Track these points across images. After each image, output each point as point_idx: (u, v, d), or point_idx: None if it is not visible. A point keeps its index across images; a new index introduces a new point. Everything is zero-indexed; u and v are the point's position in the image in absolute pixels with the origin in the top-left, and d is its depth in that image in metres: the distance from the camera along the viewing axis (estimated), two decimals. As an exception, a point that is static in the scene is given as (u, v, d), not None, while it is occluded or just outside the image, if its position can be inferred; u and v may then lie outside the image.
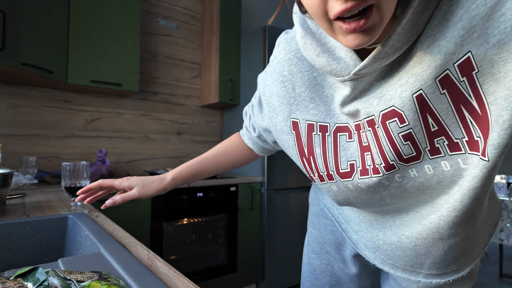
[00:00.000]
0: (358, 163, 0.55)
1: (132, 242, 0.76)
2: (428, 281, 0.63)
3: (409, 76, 0.45)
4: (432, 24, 0.43)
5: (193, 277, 2.15)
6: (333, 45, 0.50)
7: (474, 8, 0.40)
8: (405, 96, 0.45)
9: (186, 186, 2.10)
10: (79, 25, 1.99)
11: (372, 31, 0.40)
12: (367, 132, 0.52)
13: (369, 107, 0.49)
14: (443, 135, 0.46)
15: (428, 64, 0.43)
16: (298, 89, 0.59)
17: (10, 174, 0.98)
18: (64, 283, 0.39)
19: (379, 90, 0.49)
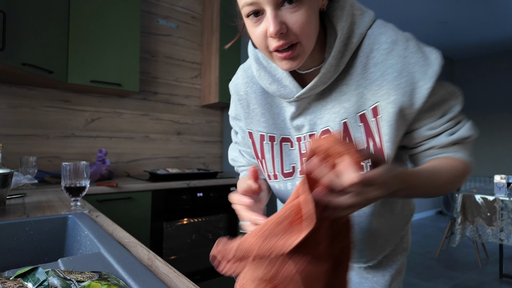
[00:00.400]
0: (297, 165, 0.74)
1: (132, 242, 0.76)
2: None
3: (340, 107, 0.66)
4: (356, 73, 0.64)
5: (193, 277, 2.14)
6: (280, 76, 0.68)
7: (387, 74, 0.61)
8: (336, 121, 0.66)
9: (186, 186, 2.10)
10: (79, 25, 1.99)
11: (297, 58, 0.59)
12: (306, 143, 0.71)
13: (313, 126, 0.69)
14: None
15: (354, 102, 0.64)
16: (252, 106, 0.77)
17: (10, 174, 0.98)
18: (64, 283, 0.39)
19: (318, 112, 0.68)
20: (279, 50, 0.57)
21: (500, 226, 2.69)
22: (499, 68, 5.98)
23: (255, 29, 0.59)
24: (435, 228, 4.87)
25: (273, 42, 0.57)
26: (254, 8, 0.56)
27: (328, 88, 0.67)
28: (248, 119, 0.78)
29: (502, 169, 5.88)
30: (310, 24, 0.57)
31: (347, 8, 0.63)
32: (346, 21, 0.62)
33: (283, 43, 0.56)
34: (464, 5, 4.20)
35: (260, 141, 0.77)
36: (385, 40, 0.62)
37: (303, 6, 0.55)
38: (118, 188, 1.83)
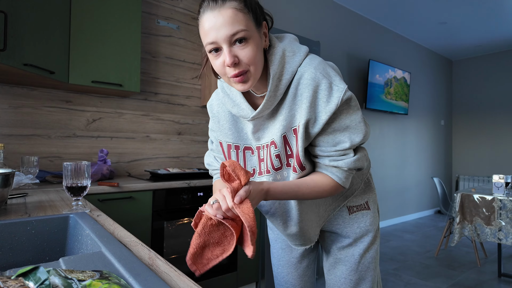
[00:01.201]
0: (257, 168, 0.97)
1: (133, 241, 0.77)
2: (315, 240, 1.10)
3: (280, 125, 0.88)
4: (288, 101, 0.87)
5: (193, 276, 2.15)
6: (239, 102, 0.90)
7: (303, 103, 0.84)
8: (278, 135, 0.88)
9: (187, 186, 2.11)
10: (80, 26, 2.00)
11: (248, 81, 0.81)
12: (264, 151, 0.93)
13: (266, 138, 0.92)
14: (292, 157, 0.90)
15: (288, 121, 0.87)
16: (221, 122, 0.98)
17: (12, 173, 0.99)
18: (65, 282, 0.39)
19: (268, 128, 0.91)
20: (236, 77, 0.79)
21: (498, 226, 2.70)
22: (498, 68, 5.97)
23: (216, 61, 0.80)
24: (433, 228, 4.87)
25: (230, 70, 0.79)
26: (214, 46, 0.78)
27: (273, 111, 0.90)
28: (218, 132, 1.00)
29: (501, 169, 5.88)
30: (255, 57, 0.79)
31: (279, 54, 0.85)
32: (278, 64, 0.85)
33: (237, 72, 0.78)
34: (463, 6, 4.19)
35: (227, 149, 0.99)
36: (306, 77, 0.84)
37: (249, 45, 0.78)
38: (119, 188, 1.84)
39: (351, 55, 4.42)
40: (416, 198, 5.61)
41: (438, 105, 6.21)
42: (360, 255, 1.04)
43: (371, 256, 1.05)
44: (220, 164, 0.90)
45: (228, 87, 0.93)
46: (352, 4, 4.27)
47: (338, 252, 1.07)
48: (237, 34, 0.76)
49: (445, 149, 6.40)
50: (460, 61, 6.52)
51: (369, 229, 1.05)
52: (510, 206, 2.65)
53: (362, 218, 1.05)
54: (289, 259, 1.16)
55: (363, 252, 1.04)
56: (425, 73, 5.88)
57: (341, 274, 1.05)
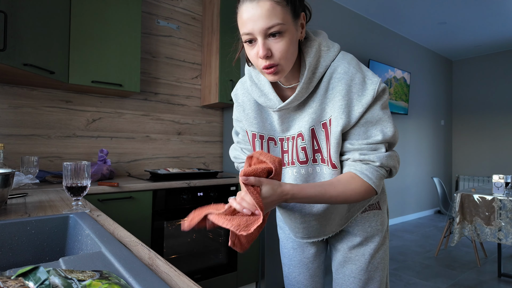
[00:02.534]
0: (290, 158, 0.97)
1: (133, 241, 0.77)
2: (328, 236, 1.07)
3: (309, 118, 0.89)
4: (319, 95, 0.88)
5: (193, 276, 2.15)
6: (267, 91, 0.92)
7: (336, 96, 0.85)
8: (306, 127, 0.90)
9: (187, 186, 2.11)
10: (80, 26, 2.00)
11: (278, 74, 0.82)
12: (288, 142, 0.96)
13: (292, 130, 0.94)
14: (319, 152, 0.91)
15: (318, 114, 0.88)
16: (246, 111, 1.00)
17: (12, 173, 0.99)
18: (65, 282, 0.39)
19: (295, 121, 0.93)
20: (266, 68, 0.81)
21: (498, 226, 2.70)
22: (498, 68, 5.97)
23: (250, 51, 0.83)
24: (433, 228, 4.88)
25: (262, 62, 0.81)
26: (250, 37, 0.80)
27: (301, 103, 0.91)
28: (244, 121, 1.01)
29: (501, 169, 5.88)
30: (288, 51, 0.81)
31: (316, 47, 0.87)
32: (313, 57, 0.87)
33: (268, 64, 0.81)
34: (463, 6, 4.19)
35: (252, 138, 1.00)
36: (340, 71, 0.85)
37: (284, 39, 0.79)
38: (119, 188, 1.84)
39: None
40: (416, 198, 5.62)
41: (438, 105, 6.21)
42: (370, 254, 1.02)
43: (381, 257, 1.04)
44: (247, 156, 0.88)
45: (256, 77, 0.95)
46: (352, 4, 4.27)
47: (349, 251, 1.05)
48: (273, 28, 0.77)
49: (445, 149, 6.40)
50: (460, 61, 6.52)
51: (379, 229, 1.04)
52: (510, 206, 2.65)
53: (374, 217, 1.03)
54: (301, 259, 1.15)
55: (373, 252, 1.02)
56: (425, 73, 5.88)
57: (350, 273, 1.04)
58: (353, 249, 1.04)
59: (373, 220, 1.03)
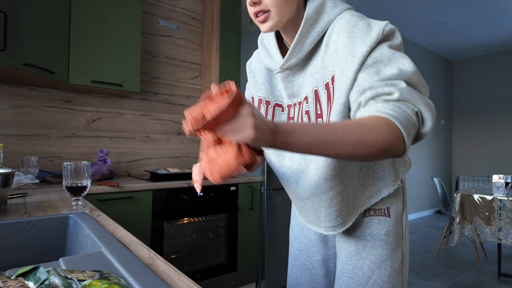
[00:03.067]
0: None
1: (133, 241, 0.77)
2: (327, 233, 0.92)
3: (313, 79, 0.81)
4: (321, 52, 0.79)
5: (193, 275, 2.16)
6: (272, 52, 0.88)
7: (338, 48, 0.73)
8: (310, 89, 0.82)
9: (187, 186, 2.11)
10: (80, 26, 2.00)
11: (268, 22, 0.76)
12: (295, 108, 0.88)
13: (299, 95, 0.87)
14: (321, 118, 0.79)
15: (321, 74, 0.79)
16: (257, 76, 0.97)
17: (12, 173, 0.99)
18: (65, 282, 0.39)
19: (300, 84, 0.86)
20: (257, 16, 0.77)
21: (498, 226, 2.70)
22: (498, 68, 5.97)
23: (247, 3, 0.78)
24: (433, 228, 4.88)
25: (251, 9, 0.77)
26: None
27: (304, 63, 0.84)
28: (252, 87, 0.98)
29: (501, 169, 5.88)
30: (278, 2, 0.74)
31: (319, 2, 0.78)
32: (313, 10, 0.78)
33: (257, 10, 0.76)
34: (463, 6, 4.20)
35: (258, 104, 0.95)
36: (341, 22, 0.75)
37: None
38: (119, 188, 1.84)
39: (351, 55, 4.43)
40: (416, 198, 5.62)
41: (438, 105, 6.22)
42: (370, 269, 0.86)
43: (387, 275, 0.86)
44: None
45: (267, 39, 0.90)
46: (351, 4, 4.27)
47: (346, 260, 0.90)
48: None
49: (445, 149, 6.40)
50: (460, 61, 6.52)
51: (383, 240, 0.87)
52: (510, 206, 2.65)
53: (378, 225, 0.88)
54: (305, 263, 1.05)
55: (374, 267, 0.86)
56: (425, 73, 5.88)
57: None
58: (350, 259, 0.90)
59: (375, 228, 0.88)
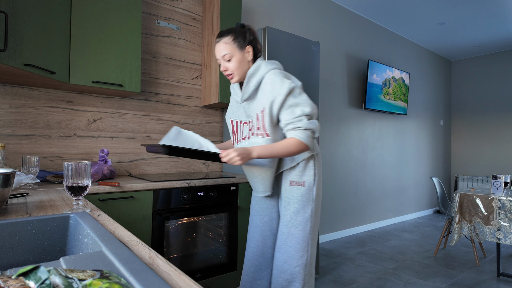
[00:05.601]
0: (246, 135, 1.59)
1: (133, 241, 0.77)
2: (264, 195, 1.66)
3: (255, 108, 1.52)
4: (259, 93, 1.52)
5: (193, 275, 2.16)
6: (237, 91, 1.62)
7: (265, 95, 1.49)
8: (256, 113, 1.52)
9: (187, 186, 2.12)
10: (81, 26, 2.01)
11: (233, 79, 1.57)
12: (249, 124, 1.57)
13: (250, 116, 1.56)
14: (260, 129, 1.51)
15: (259, 106, 1.50)
16: (231, 103, 1.70)
17: (12, 173, 1.00)
18: (65, 282, 0.39)
19: (250, 110, 1.55)
20: (227, 76, 1.56)
21: (497, 225, 2.70)
22: (497, 68, 5.97)
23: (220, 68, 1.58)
24: (432, 227, 4.88)
25: (224, 73, 1.56)
26: (219, 61, 1.56)
27: (253, 98, 1.54)
28: (229, 113, 1.71)
29: (500, 169, 5.88)
30: (238, 67, 1.52)
31: (256, 65, 1.52)
32: (253, 69, 1.51)
33: (227, 74, 1.56)
34: (462, 6, 4.20)
35: (230, 123, 1.69)
36: (267, 79, 1.48)
37: (232, 61, 1.52)
38: (119, 188, 1.85)
39: (350, 55, 4.43)
40: (415, 198, 5.62)
41: (437, 105, 6.22)
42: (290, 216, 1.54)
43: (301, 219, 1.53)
44: None
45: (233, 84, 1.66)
46: (351, 5, 4.27)
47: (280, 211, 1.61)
48: (225, 56, 1.51)
49: (444, 149, 6.40)
50: (459, 62, 6.52)
51: (299, 199, 1.53)
52: (509, 206, 2.65)
53: (296, 190, 1.54)
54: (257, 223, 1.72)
55: (292, 214, 1.54)
56: (424, 73, 5.88)
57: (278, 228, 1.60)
58: (281, 211, 1.59)
59: (294, 192, 1.54)
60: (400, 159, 5.27)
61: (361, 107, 4.59)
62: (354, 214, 4.46)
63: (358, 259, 3.40)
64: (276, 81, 1.43)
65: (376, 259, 3.41)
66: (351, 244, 3.95)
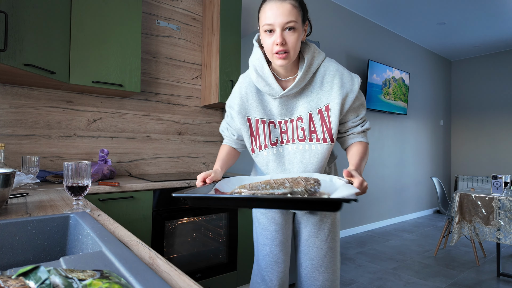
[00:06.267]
0: (279, 138, 1.24)
1: (134, 241, 0.77)
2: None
3: (307, 104, 1.17)
4: (316, 86, 1.17)
5: (193, 275, 2.16)
6: (270, 82, 1.16)
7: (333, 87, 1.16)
8: (305, 112, 1.17)
9: (187, 186, 2.12)
10: (80, 26, 2.01)
11: (286, 60, 1.08)
12: (287, 125, 1.22)
13: (291, 114, 1.21)
14: (315, 133, 1.18)
15: (315, 102, 1.17)
16: (250, 100, 1.24)
17: (12, 173, 1.00)
18: (65, 282, 0.39)
19: (294, 107, 1.20)
20: (278, 53, 1.08)
21: (497, 225, 2.70)
22: (497, 68, 5.97)
23: (267, 39, 1.09)
24: (432, 227, 4.88)
25: (277, 47, 1.07)
26: (270, 28, 1.07)
27: (299, 92, 1.19)
28: (247, 109, 1.24)
29: (500, 169, 5.88)
30: (296, 43, 1.08)
31: (312, 49, 1.18)
32: (310, 55, 1.16)
33: (282, 49, 1.07)
34: (462, 7, 4.20)
35: (255, 123, 1.24)
36: (332, 69, 1.17)
37: (295, 33, 1.07)
38: (119, 188, 1.85)
39: (350, 55, 4.43)
40: (415, 198, 5.62)
41: (437, 105, 6.21)
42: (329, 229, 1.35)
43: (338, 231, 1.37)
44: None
45: (261, 70, 1.18)
46: (351, 5, 4.27)
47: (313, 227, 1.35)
48: (289, 23, 1.05)
49: (444, 149, 6.40)
50: (459, 62, 6.52)
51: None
52: (509, 206, 2.65)
53: None
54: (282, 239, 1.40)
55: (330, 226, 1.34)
56: (424, 73, 5.88)
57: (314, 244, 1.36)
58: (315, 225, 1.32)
59: None
60: (400, 159, 5.27)
61: (361, 107, 4.59)
62: (354, 214, 4.46)
63: (358, 259, 3.40)
64: (345, 74, 1.16)
65: (376, 259, 3.41)
66: (351, 244, 3.95)
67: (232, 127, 1.35)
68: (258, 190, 0.86)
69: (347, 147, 1.25)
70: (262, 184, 0.88)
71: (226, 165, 1.33)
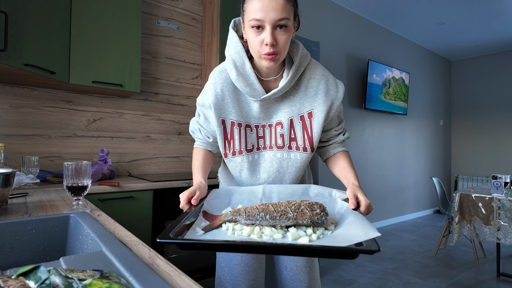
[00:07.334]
0: (255, 144, 1.10)
1: (133, 240, 0.77)
2: None
3: (289, 109, 1.06)
4: (301, 89, 1.06)
5: (193, 275, 2.16)
6: (252, 82, 1.01)
7: (318, 94, 1.05)
8: (286, 117, 1.06)
9: (187, 186, 2.12)
10: (81, 26, 2.01)
11: (275, 61, 0.94)
12: (265, 129, 1.09)
13: (271, 119, 1.08)
14: (295, 141, 1.08)
15: (298, 107, 1.06)
16: (226, 100, 1.06)
17: (12, 173, 1.00)
18: (65, 282, 0.39)
19: (275, 110, 1.07)
20: (268, 54, 0.92)
21: (497, 225, 2.70)
22: (497, 68, 5.97)
23: (255, 37, 0.92)
24: (432, 227, 4.88)
25: (265, 48, 0.91)
26: (258, 23, 0.89)
27: (282, 96, 1.07)
28: (221, 110, 1.07)
29: (500, 169, 5.88)
30: (287, 44, 0.94)
31: (300, 49, 1.04)
32: (299, 56, 1.03)
33: (272, 51, 0.91)
34: (462, 7, 4.20)
35: (231, 126, 1.08)
36: (318, 73, 1.07)
37: (287, 33, 0.92)
38: (119, 188, 1.85)
39: (350, 55, 4.43)
40: (415, 198, 5.62)
41: (437, 105, 6.22)
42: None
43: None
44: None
45: (241, 68, 1.01)
46: (351, 5, 4.27)
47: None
48: (282, 21, 0.89)
49: (444, 149, 6.40)
50: (459, 62, 6.52)
51: None
52: (509, 206, 2.65)
53: None
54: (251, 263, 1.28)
55: None
56: (424, 73, 5.88)
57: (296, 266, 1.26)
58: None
59: None
60: (400, 159, 5.27)
61: (361, 107, 4.59)
62: (354, 214, 4.46)
63: (358, 259, 3.40)
64: (330, 80, 1.06)
65: (376, 259, 3.41)
66: (351, 244, 3.95)
67: (207, 129, 1.17)
68: (256, 220, 0.76)
69: (329, 157, 1.16)
70: (260, 213, 0.77)
71: (207, 173, 1.19)
